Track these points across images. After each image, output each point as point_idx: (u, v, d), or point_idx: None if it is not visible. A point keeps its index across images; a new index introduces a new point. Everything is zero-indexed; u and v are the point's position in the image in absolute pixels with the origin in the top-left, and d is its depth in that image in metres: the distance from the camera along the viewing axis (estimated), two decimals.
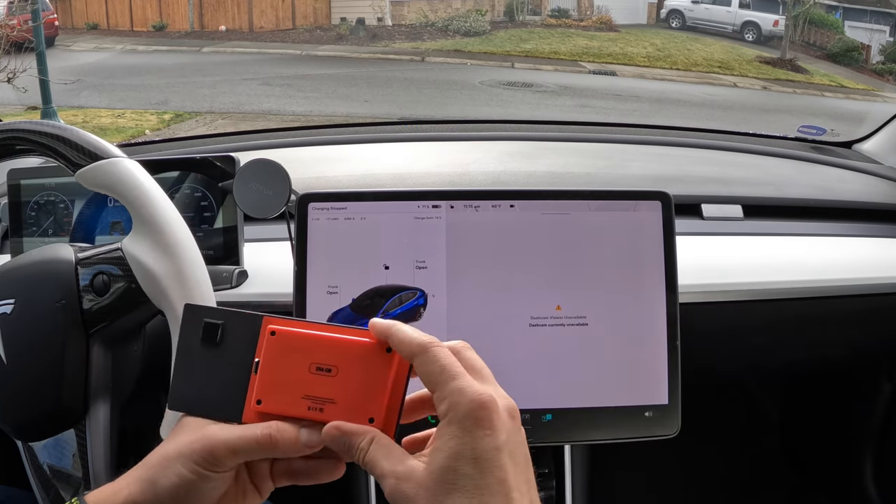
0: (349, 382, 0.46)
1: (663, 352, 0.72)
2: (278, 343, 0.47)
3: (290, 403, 0.46)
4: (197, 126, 5.54)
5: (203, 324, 0.48)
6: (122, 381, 0.68)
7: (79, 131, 0.66)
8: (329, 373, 0.46)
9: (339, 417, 0.45)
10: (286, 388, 0.46)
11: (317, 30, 9.36)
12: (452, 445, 0.42)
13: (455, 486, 0.41)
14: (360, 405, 0.45)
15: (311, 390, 0.46)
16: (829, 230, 1.07)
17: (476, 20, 9.33)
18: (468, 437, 0.41)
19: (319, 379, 0.46)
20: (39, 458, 0.68)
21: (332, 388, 0.46)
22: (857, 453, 1.25)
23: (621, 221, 0.72)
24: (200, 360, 0.48)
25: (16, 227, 0.90)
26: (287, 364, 0.46)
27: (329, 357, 0.46)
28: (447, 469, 0.41)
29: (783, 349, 1.05)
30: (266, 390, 0.46)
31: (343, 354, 0.46)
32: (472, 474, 0.41)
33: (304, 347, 0.46)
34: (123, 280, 0.64)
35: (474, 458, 0.41)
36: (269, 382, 0.46)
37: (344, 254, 0.71)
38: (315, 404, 0.45)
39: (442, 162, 1.22)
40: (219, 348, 0.48)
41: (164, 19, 9.32)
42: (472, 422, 0.42)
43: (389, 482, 0.43)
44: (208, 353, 0.48)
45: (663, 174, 1.20)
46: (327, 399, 0.45)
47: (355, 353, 0.46)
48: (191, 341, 0.48)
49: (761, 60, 8.61)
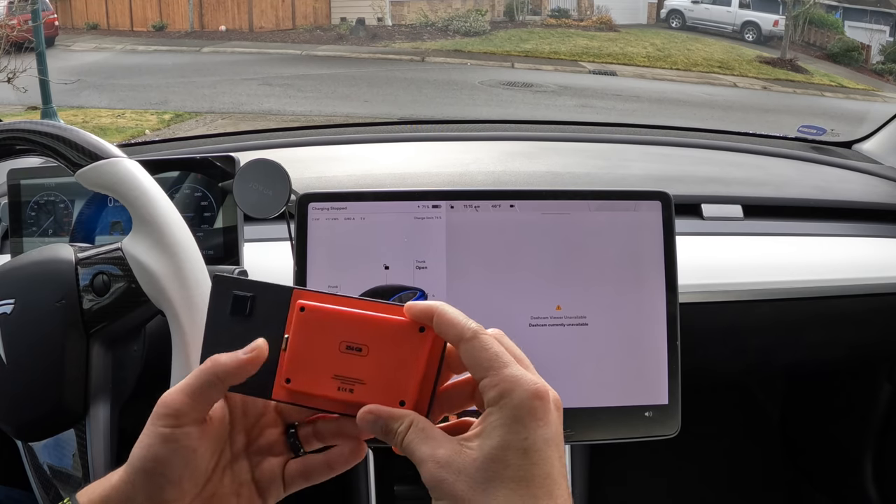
0: (380, 362, 0.44)
1: (663, 352, 0.72)
2: (308, 319, 0.45)
3: (319, 383, 0.45)
4: (197, 126, 5.55)
5: (232, 296, 0.47)
6: (122, 381, 0.68)
7: (79, 131, 0.66)
8: (359, 352, 0.44)
9: (369, 399, 0.44)
10: (316, 366, 0.45)
11: (317, 30, 9.36)
12: (503, 434, 0.40)
13: (500, 476, 0.40)
14: (391, 387, 0.44)
15: (341, 370, 0.44)
16: (829, 230, 1.07)
17: (476, 20, 9.34)
18: (520, 427, 0.40)
19: (349, 358, 0.44)
20: (39, 458, 0.68)
21: (362, 368, 0.44)
22: (857, 453, 1.25)
23: (621, 221, 0.72)
24: (230, 332, 0.46)
25: (16, 227, 0.90)
26: (317, 341, 0.45)
27: (359, 335, 0.45)
28: (494, 458, 0.40)
29: (783, 349, 1.05)
30: (295, 368, 0.45)
31: (374, 333, 0.45)
32: (521, 465, 0.40)
33: (334, 324, 0.45)
34: (123, 280, 0.64)
35: (525, 450, 0.40)
36: (299, 360, 0.45)
37: (344, 254, 0.71)
38: (345, 385, 0.44)
39: (442, 162, 1.22)
40: (248, 321, 0.47)
41: (164, 19, 9.32)
42: (526, 412, 0.40)
43: (428, 467, 0.41)
44: (238, 325, 0.46)
45: (663, 174, 1.20)
46: (357, 380, 0.44)
47: (387, 331, 0.45)
48: (220, 312, 0.47)
49: (761, 60, 8.62)
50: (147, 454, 0.43)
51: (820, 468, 1.38)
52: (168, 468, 0.43)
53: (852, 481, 1.27)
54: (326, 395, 0.45)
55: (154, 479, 0.43)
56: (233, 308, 0.47)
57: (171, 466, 0.43)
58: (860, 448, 1.25)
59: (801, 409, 1.41)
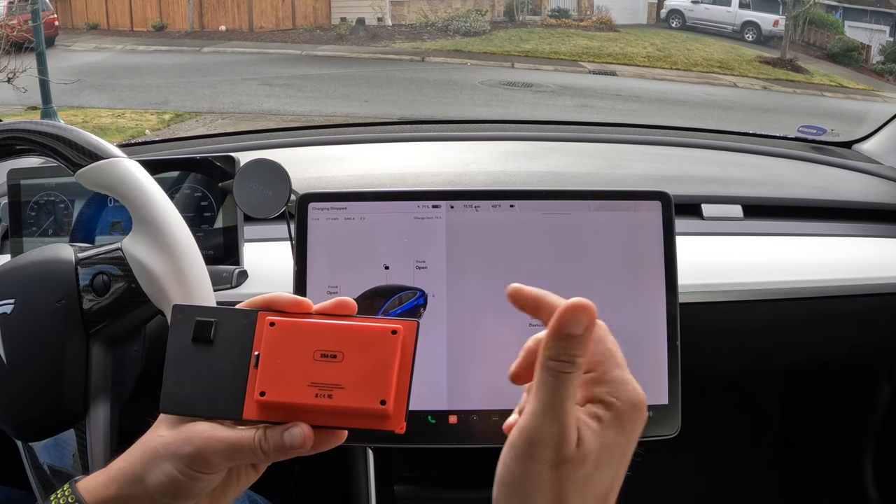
0: (356, 366, 0.45)
1: (663, 352, 0.72)
2: (278, 333, 0.46)
3: (295, 392, 0.45)
4: (197, 126, 5.55)
5: (195, 322, 0.47)
6: (122, 381, 0.68)
7: (79, 131, 0.66)
8: (335, 359, 0.45)
9: (350, 402, 0.44)
10: (291, 377, 0.45)
11: (317, 30, 9.36)
12: (610, 435, 0.41)
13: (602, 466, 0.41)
14: (370, 387, 0.45)
15: (318, 377, 0.45)
16: (829, 230, 1.07)
17: (476, 20, 9.34)
18: (624, 432, 0.41)
19: (325, 365, 0.45)
20: (39, 458, 0.68)
21: (339, 373, 0.45)
22: (857, 453, 1.25)
23: (621, 221, 0.72)
24: (193, 360, 0.47)
25: (16, 227, 0.90)
26: (290, 353, 0.45)
27: (333, 343, 0.45)
28: (602, 449, 0.41)
29: (783, 349, 1.05)
30: (269, 381, 0.45)
31: (347, 339, 0.45)
32: (615, 462, 0.41)
33: (306, 335, 0.46)
34: (123, 280, 0.64)
35: (622, 453, 0.41)
36: (273, 373, 0.45)
37: (344, 254, 0.71)
38: (322, 391, 0.45)
39: (442, 162, 1.22)
40: (212, 346, 0.47)
41: (164, 19, 9.32)
42: (631, 419, 0.41)
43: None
44: (201, 352, 0.47)
45: (663, 174, 1.20)
46: (335, 385, 0.45)
47: (360, 336, 0.45)
48: (181, 341, 0.47)
49: (761, 60, 8.62)
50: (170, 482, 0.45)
51: (820, 468, 1.38)
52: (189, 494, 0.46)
53: (852, 481, 1.27)
54: (304, 403, 0.45)
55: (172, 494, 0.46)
56: (195, 335, 0.47)
57: (192, 493, 0.46)
58: (860, 448, 1.25)
59: (801, 410, 1.41)
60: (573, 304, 0.41)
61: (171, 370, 0.47)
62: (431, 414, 0.70)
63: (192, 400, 0.46)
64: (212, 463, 0.45)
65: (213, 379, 0.46)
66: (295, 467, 1.19)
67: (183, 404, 0.46)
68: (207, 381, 0.46)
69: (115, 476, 0.47)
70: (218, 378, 0.46)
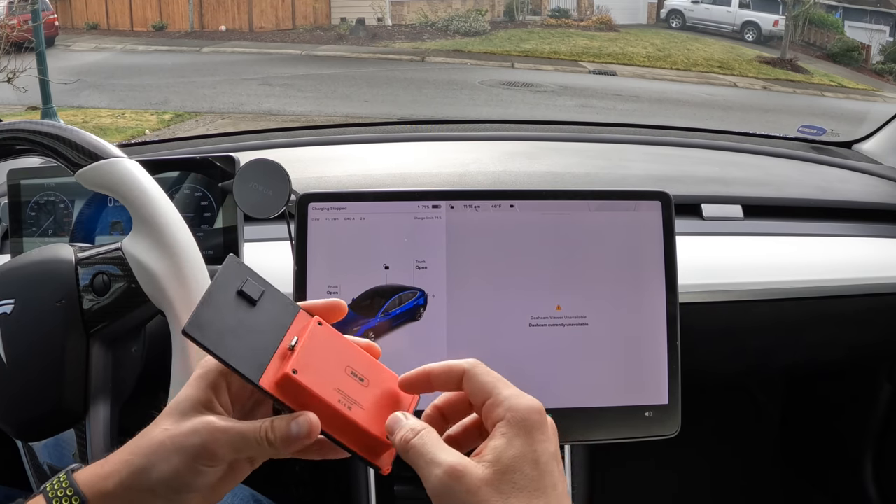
0: (376, 398, 0.47)
1: (663, 352, 0.72)
2: (322, 334, 0.48)
3: (323, 386, 0.46)
4: (197, 126, 5.54)
5: (247, 280, 0.48)
6: (122, 381, 0.68)
7: (79, 131, 0.66)
8: (362, 382, 0.47)
9: (364, 422, 0.46)
10: (323, 372, 0.46)
11: (317, 30, 9.36)
12: (518, 446, 0.43)
13: (516, 486, 0.42)
14: (383, 418, 0.47)
15: (344, 387, 0.47)
16: (829, 230, 1.07)
17: (476, 20, 9.33)
18: (530, 440, 0.43)
19: (353, 382, 0.47)
20: (39, 458, 0.68)
21: (363, 394, 0.47)
22: (857, 453, 1.25)
23: (621, 221, 0.72)
24: (231, 309, 0.47)
25: (16, 227, 0.90)
26: (327, 355, 0.47)
27: (363, 368, 0.48)
28: (509, 469, 0.42)
29: (783, 349, 1.05)
30: (304, 365, 0.46)
31: (372, 371, 0.48)
32: (533, 476, 0.42)
33: (344, 349, 0.48)
34: (123, 280, 0.64)
35: (535, 461, 0.43)
36: (308, 360, 0.46)
37: (344, 254, 0.71)
38: (345, 400, 0.46)
39: (442, 162, 1.22)
40: (253, 308, 0.48)
41: (164, 19, 9.32)
42: (532, 425, 0.43)
43: (437, 474, 0.43)
44: (241, 306, 0.47)
45: (663, 174, 1.20)
46: (356, 402, 0.46)
47: (382, 374, 0.49)
48: (227, 287, 0.48)
49: (761, 60, 8.61)
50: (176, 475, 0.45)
51: (820, 468, 1.38)
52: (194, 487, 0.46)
53: (852, 481, 1.27)
54: (326, 400, 0.46)
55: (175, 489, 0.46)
56: (243, 290, 0.48)
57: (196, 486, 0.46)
58: (860, 448, 1.25)
59: (800, 410, 1.41)
60: None
61: (207, 304, 0.47)
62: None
63: (217, 339, 0.46)
64: (218, 455, 0.45)
65: (243, 335, 0.47)
66: (296, 467, 1.20)
67: (207, 336, 0.46)
68: (237, 334, 0.46)
69: (117, 468, 0.46)
70: (248, 337, 0.47)
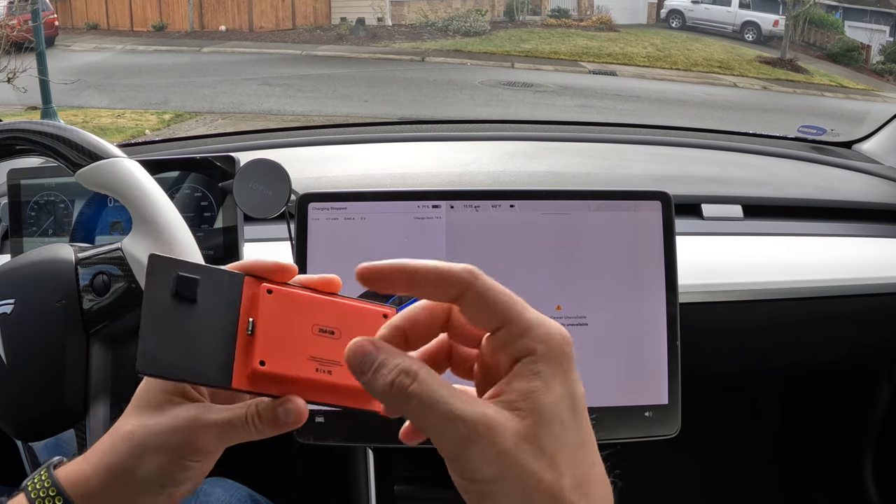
0: None
1: (663, 352, 0.72)
2: (276, 302, 0.43)
3: (296, 364, 0.42)
4: (197, 126, 5.55)
5: (176, 277, 0.43)
6: (122, 381, 0.68)
7: (79, 131, 0.66)
8: (332, 335, 0.43)
9: (347, 380, 0.41)
10: (290, 348, 0.42)
11: (317, 30, 9.36)
12: (557, 389, 0.34)
13: (560, 440, 0.33)
14: None
15: (317, 351, 0.42)
16: (829, 230, 1.07)
17: (476, 20, 9.34)
18: (567, 381, 0.34)
19: (323, 340, 0.43)
20: (39, 457, 0.68)
21: (337, 350, 0.42)
22: (857, 453, 1.25)
23: (621, 221, 0.72)
24: (174, 319, 0.42)
25: (16, 227, 0.90)
26: (289, 324, 0.43)
27: (329, 319, 0.43)
28: (552, 418, 0.33)
29: (783, 349, 1.05)
30: (269, 351, 0.42)
31: (343, 317, 0.43)
32: (572, 426, 0.34)
33: (305, 308, 0.43)
34: (123, 280, 0.64)
35: (573, 406, 0.34)
36: (272, 343, 0.42)
37: (344, 254, 0.71)
38: (322, 366, 0.42)
39: (442, 162, 1.22)
40: (195, 306, 0.42)
41: (164, 19, 9.32)
42: (567, 361, 0.35)
43: (469, 428, 0.33)
44: (183, 310, 0.42)
45: (663, 174, 1.20)
46: (334, 361, 0.42)
47: (354, 315, 0.44)
48: (160, 296, 0.42)
49: (761, 60, 8.62)
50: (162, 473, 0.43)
51: (820, 468, 1.38)
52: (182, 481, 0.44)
53: (852, 481, 1.27)
54: (305, 377, 0.42)
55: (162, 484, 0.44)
56: (176, 291, 0.42)
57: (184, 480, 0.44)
58: (860, 448, 1.25)
59: (800, 410, 1.41)
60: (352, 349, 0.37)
61: (149, 327, 0.42)
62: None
63: (175, 363, 0.42)
64: (205, 449, 0.43)
65: (198, 342, 0.42)
66: (297, 467, 1.20)
67: (164, 367, 0.42)
68: (190, 344, 0.42)
69: (97, 471, 0.44)
70: (202, 341, 0.42)
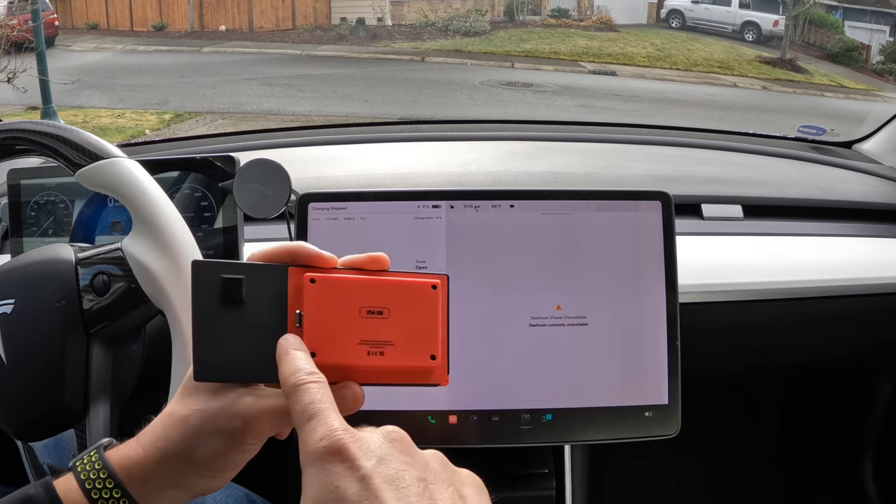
0: (403, 322, 0.43)
1: (663, 352, 0.72)
2: (321, 290, 0.43)
3: (347, 352, 0.43)
4: (197, 126, 5.54)
5: (221, 280, 0.43)
6: (122, 381, 0.68)
7: (79, 131, 0.66)
8: (381, 315, 0.43)
9: (400, 360, 0.42)
10: (339, 336, 0.43)
11: (317, 30, 9.36)
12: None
13: None
14: (420, 343, 0.43)
15: (367, 335, 0.43)
16: (829, 230, 1.07)
17: (476, 20, 9.33)
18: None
19: (373, 322, 0.43)
20: (39, 458, 0.68)
21: (388, 329, 0.43)
22: (857, 453, 1.25)
23: (621, 221, 0.72)
24: (224, 322, 0.43)
25: (16, 227, 0.90)
26: (335, 311, 0.43)
27: (377, 299, 0.43)
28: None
29: (783, 349, 1.05)
30: (318, 342, 0.43)
31: (390, 295, 0.44)
32: None
33: (349, 292, 0.43)
34: (123, 280, 0.64)
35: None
36: (321, 333, 0.43)
37: (344, 254, 0.71)
38: (374, 349, 0.43)
39: (442, 162, 1.22)
40: (242, 306, 0.43)
41: (164, 19, 9.32)
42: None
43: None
44: (232, 312, 0.43)
45: (663, 174, 1.20)
46: (385, 342, 0.43)
47: (403, 291, 0.44)
48: (208, 302, 0.43)
49: (761, 60, 8.62)
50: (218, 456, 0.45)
51: (820, 468, 1.38)
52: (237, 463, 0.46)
53: (852, 481, 1.27)
54: (357, 364, 0.43)
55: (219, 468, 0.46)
56: (224, 294, 0.43)
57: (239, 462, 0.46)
58: (860, 448, 1.25)
59: (801, 410, 1.41)
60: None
61: (201, 334, 0.43)
62: (431, 414, 0.70)
63: (230, 366, 0.43)
64: (263, 433, 0.44)
65: (249, 341, 0.43)
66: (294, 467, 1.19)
67: (220, 371, 0.43)
68: (243, 344, 0.43)
69: (153, 455, 0.45)
70: (254, 340, 0.43)
